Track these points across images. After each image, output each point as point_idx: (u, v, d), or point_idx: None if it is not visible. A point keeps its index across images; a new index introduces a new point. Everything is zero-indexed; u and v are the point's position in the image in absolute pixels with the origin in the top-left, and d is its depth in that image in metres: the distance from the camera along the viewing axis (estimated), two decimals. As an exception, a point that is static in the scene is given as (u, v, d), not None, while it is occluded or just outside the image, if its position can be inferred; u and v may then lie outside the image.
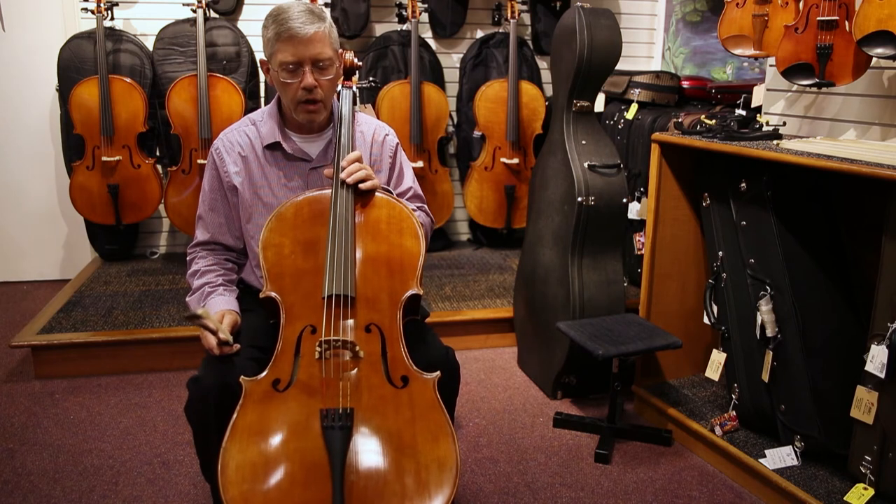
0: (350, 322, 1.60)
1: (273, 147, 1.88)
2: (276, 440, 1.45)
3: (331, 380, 1.52)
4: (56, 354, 2.94)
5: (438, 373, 1.56)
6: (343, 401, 1.49)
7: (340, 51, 1.87)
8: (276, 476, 1.40)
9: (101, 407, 2.72)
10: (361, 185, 1.74)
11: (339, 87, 1.98)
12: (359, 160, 1.78)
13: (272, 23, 1.74)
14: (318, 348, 1.55)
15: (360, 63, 2.08)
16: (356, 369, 1.54)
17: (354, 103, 1.98)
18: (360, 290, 1.64)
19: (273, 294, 1.65)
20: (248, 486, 1.39)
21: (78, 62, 3.61)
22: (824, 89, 2.52)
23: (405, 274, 1.68)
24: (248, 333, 1.75)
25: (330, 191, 1.75)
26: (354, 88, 2.01)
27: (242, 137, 1.89)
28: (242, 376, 1.53)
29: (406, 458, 1.44)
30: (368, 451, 1.44)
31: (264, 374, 1.54)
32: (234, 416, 1.48)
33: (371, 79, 1.99)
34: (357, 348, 1.56)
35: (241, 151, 1.88)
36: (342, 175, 1.74)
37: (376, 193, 1.78)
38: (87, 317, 3.13)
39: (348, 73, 2.02)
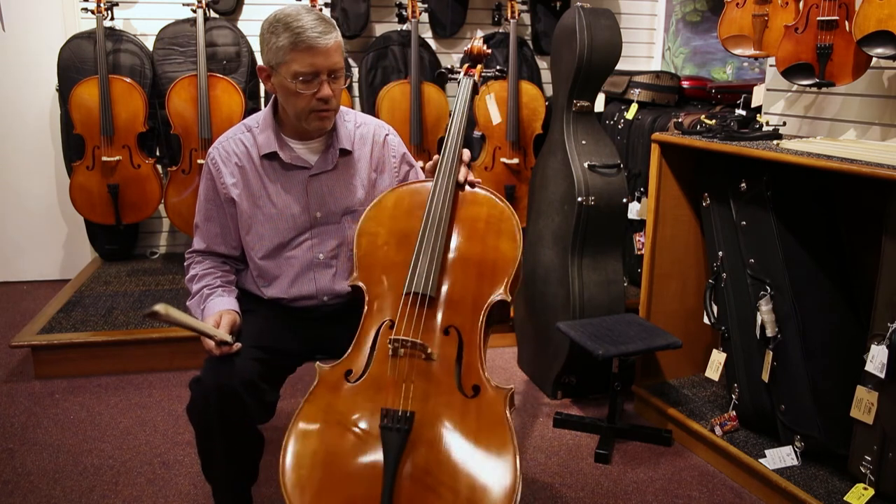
0: (429, 322, 1.54)
1: (270, 157, 1.82)
2: (337, 431, 1.44)
3: (398, 379, 1.47)
4: (56, 354, 2.94)
5: (513, 386, 1.52)
6: (405, 403, 1.44)
7: (467, 41, 1.82)
8: (332, 467, 1.40)
9: (101, 407, 2.72)
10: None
11: (461, 75, 1.92)
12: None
13: (284, 30, 1.65)
14: (390, 346, 1.51)
15: (490, 51, 2.02)
16: (427, 372, 1.49)
17: (475, 93, 1.91)
18: (447, 290, 1.59)
19: (360, 284, 1.62)
20: (305, 472, 1.39)
21: (78, 62, 3.61)
22: (824, 89, 2.52)
23: (496, 277, 1.61)
24: (250, 333, 1.74)
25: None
26: (476, 77, 1.93)
27: (239, 146, 1.83)
28: (318, 362, 1.52)
29: (461, 472, 1.37)
30: (424, 458, 1.39)
31: (340, 361, 1.53)
32: (304, 400, 1.47)
33: (498, 67, 1.93)
34: (429, 350, 1.50)
35: (238, 161, 1.82)
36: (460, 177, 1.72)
37: (479, 191, 1.74)
38: (87, 317, 3.13)
39: (475, 60, 1.96)
